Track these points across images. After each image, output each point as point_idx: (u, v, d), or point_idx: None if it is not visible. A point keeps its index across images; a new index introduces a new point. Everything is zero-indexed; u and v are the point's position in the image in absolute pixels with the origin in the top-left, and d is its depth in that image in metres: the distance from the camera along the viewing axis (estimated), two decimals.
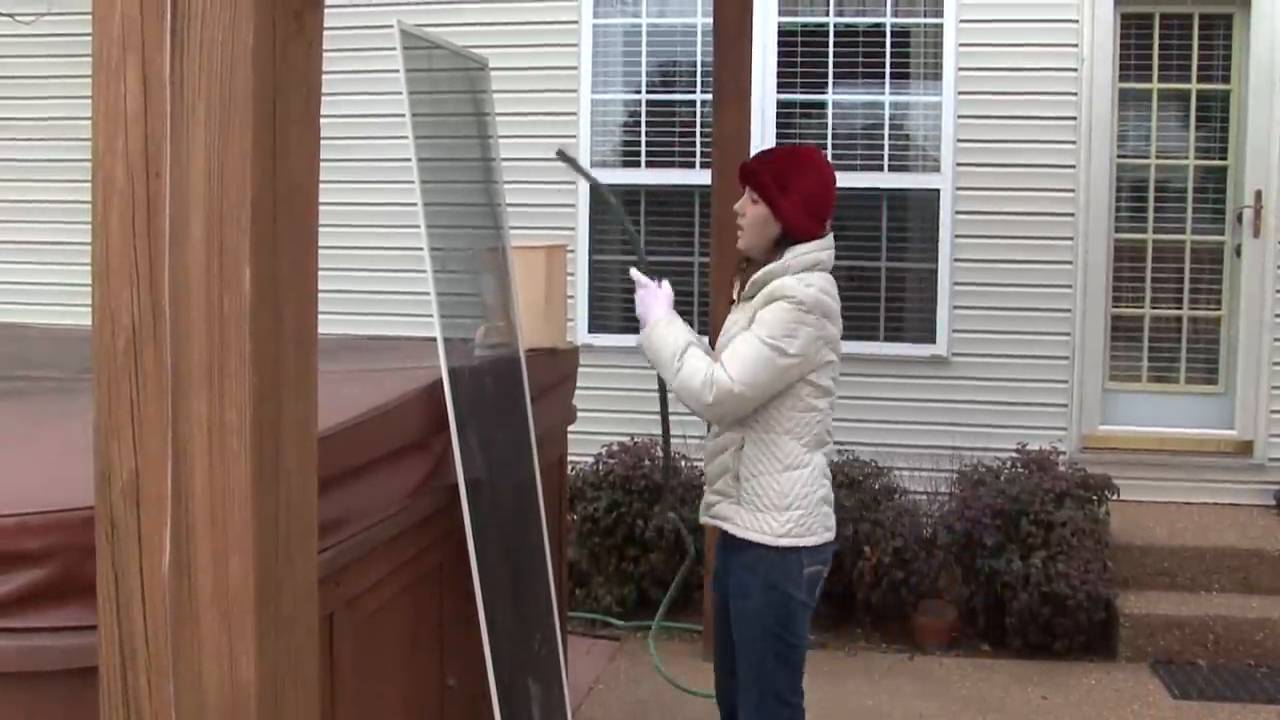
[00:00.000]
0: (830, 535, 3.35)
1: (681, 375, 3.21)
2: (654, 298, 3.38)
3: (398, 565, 2.88)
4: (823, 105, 6.60)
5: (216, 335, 1.35)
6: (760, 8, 6.10)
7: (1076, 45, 6.33)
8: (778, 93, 6.56)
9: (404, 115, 3.09)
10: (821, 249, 3.28)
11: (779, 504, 3.24)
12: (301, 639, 1.48)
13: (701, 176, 6.29)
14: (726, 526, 3.36)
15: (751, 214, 3.30)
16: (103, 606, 1.40)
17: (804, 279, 3.21)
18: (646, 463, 5.94)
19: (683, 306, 6.55)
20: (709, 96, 6.09)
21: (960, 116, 6.42)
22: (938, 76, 6.47)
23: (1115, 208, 6.51)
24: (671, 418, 3.77)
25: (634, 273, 3.47)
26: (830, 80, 6.57)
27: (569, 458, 4.82)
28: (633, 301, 3.46)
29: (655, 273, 3.48)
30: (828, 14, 6.57)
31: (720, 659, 3.58)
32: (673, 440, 5.99)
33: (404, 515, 2.88)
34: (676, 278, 6.68)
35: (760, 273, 3.25)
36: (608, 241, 6.81)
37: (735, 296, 3.44)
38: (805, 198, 3.26)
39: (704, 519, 3.53)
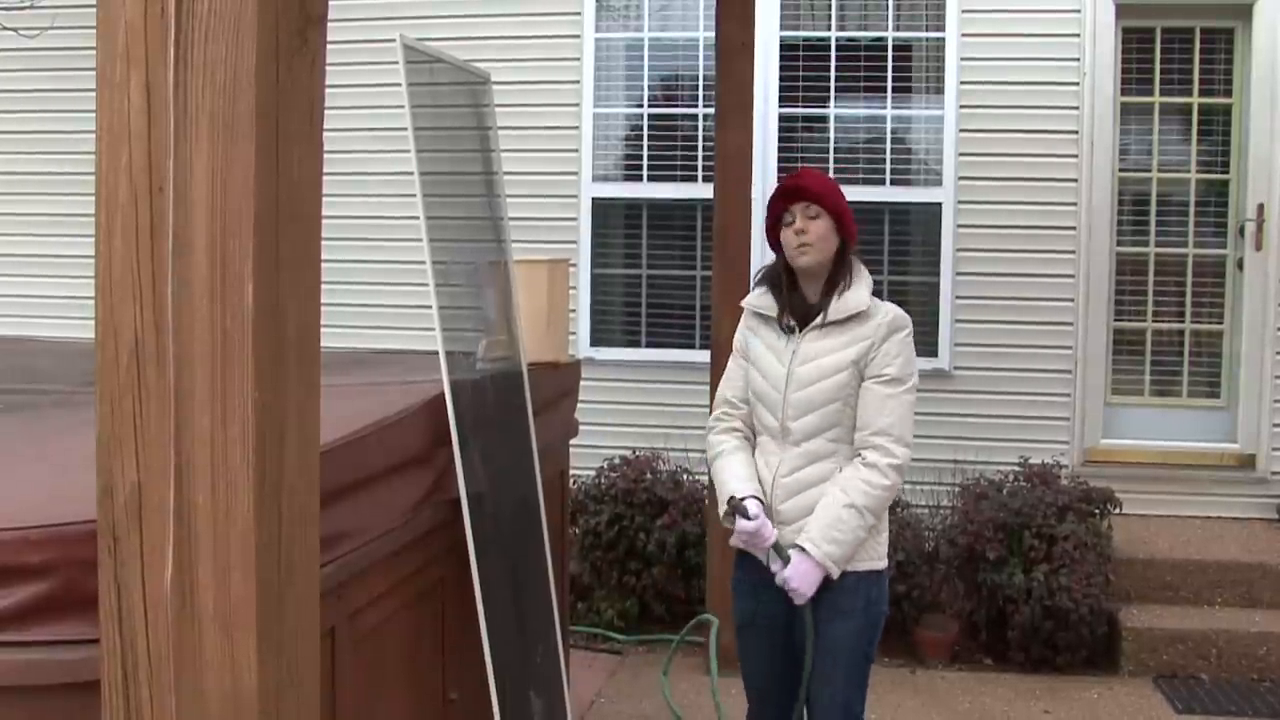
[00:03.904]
0: None
1: (876, 510, 3.14)
2: (805, 568, 3.12)
3: (400, 579, 2.88)
4: (824, 119, 6.62)
5: (219, 350, 1.35)
6: (762, 22, 6.11)
7: (1078, 59, 6.35)
8: (780, 107, 6.58)
9: (406, 129, 3.10)
10: None
11: (877, 528, 3.21)
12: (303, 653, 1.47)
13: (704, 190, 6.30)
14: None
15: (817, 229, 3.21)
16: (104, 620, 1.40)
17: (890, 303, 3.28)
18: (648, 476, 5.94)
19: (684, 320, 6.62)
20: (711, 110, 6.10)
21: (962, 130, 6.43)
22: (939, 90, 6.48)
23: (1117, 221, 6.51)
24: (673, 431, 3.74)
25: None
26: (832, 94, 6.58)
27: (571, 471, 4.82)
28: (636, 315, 3.43)
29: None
30: (829, 28, 6.59)
31: (768, 695, 3.39)
32: (673, 454, 6.04)
33: (406, 529, 2.88)
34: (678, 291, 6.76)
35: (855, 298, 3.20)
36: (610, 255, 6.82)
37: (795, 324, 3.25)
38: (849, 209, 3.30)
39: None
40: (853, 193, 3.36)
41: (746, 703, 3.48)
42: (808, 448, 3.19)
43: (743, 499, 3.18)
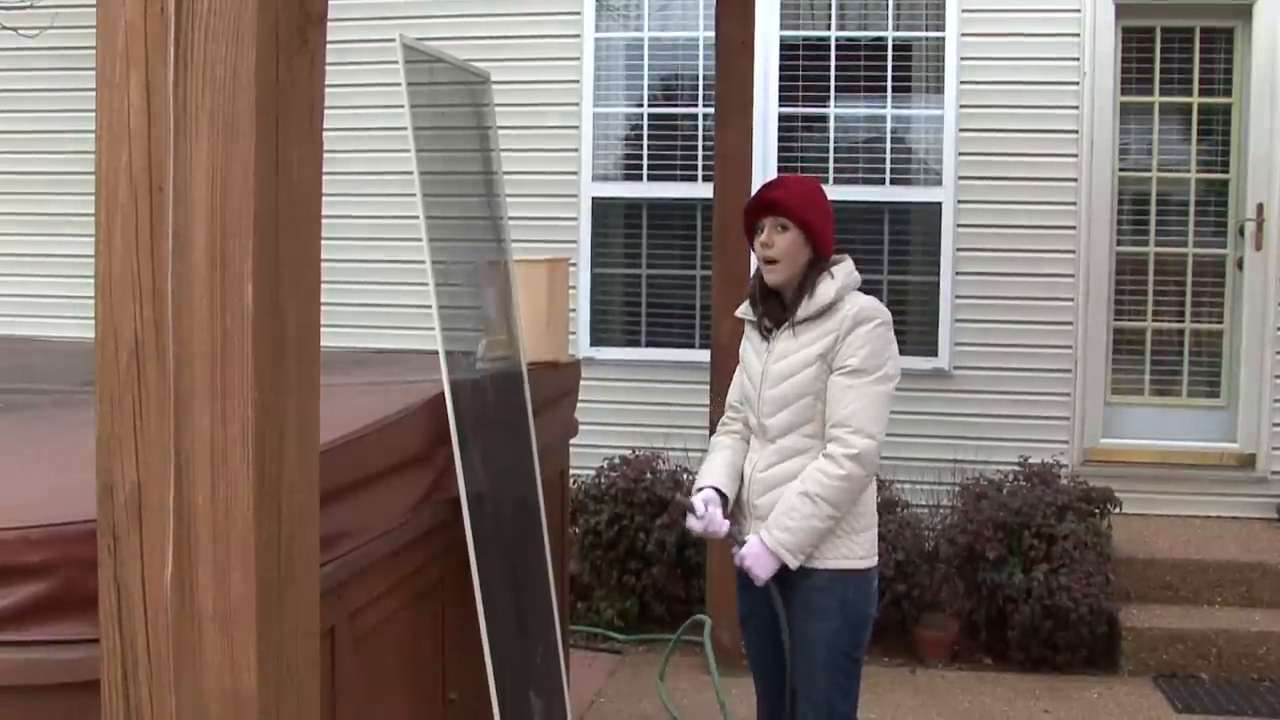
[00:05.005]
0: None
1: (832, 500, 3.10)
2: (756, 550, 3.16)
3: (399, 579, 2.88)
4: (824, 119, 6.61)
5: (219, 349, 1.35)
6: (762, 21, 6.11)
7: (1078, 59, 6.35)
8: (779, 106, 6.57)
9: (406, 129, 3.10)
10: (854, 267, 3.32)
11: (855, 526, 3.20)
12: (303, 652, 1.48)
13: (703, 189, 6.30)
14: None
15: (784, 243, 3.23)
16: (104, 620, 1.40)
17: (867, 297, 3.26)
18: (648, 476, 5.93)
19: (685, 320, 6.63)
20: (711, 110, 6.10)
21: (962, 130, 6.43)
22: (939, 90, 6.48)
23: (1117, 221, 6.51)
24: (673, 430, 3.76)
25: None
26: (832, 94, 6.58)
27: (571, 471, 4.81)
28: (636, 315, 3.45)
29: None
30: (829, 28, 6.59)
31: (767, 688, 3.45)
32: (674, 454, 6.04)
33: (406, 529, 2.88)
34: (678, 291, 6.76)
35: (821, 294, 3.21)
36: (609, 255, 6.82)
37: (770, 324, 3.30)
38: (828, 216, 3.30)
39: None
40: (853, 192, 3.37)
41: (755, 698, 3.57)
42: (782, 444, 3.24)
43: (691, 495, 3.31)
